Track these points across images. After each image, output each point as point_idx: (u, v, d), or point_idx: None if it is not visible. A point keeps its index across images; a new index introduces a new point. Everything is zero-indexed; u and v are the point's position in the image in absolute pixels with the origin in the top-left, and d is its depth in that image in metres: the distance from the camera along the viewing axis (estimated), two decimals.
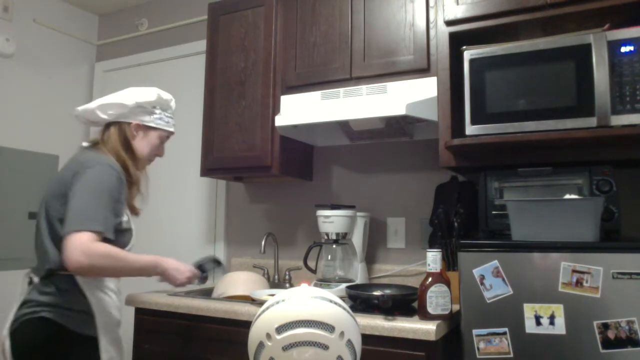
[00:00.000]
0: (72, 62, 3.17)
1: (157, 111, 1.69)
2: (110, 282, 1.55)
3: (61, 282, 1.45)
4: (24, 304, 1.45)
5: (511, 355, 1.38)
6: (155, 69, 3.04)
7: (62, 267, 1.41)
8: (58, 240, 1.43)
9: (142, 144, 1.67)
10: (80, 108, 1.66)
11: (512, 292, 1.41)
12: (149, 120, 1.67)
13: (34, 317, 1.40)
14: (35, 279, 1.48)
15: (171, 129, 1.75)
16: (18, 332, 1.41)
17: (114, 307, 1.53)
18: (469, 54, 1.67)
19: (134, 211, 1.66)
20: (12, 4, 2.82)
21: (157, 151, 1.73)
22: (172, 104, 1.76)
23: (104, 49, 3.30)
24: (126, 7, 3.24)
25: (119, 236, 1.50)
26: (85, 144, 1.67)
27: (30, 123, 2.89)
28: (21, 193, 2.80)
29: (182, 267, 1.66)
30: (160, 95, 1.69)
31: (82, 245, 1.34)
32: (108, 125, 1.65)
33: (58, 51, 3.08)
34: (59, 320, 1.40)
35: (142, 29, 3.14)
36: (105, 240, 1.42)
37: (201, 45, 2.74)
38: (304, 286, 1.03)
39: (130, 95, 1.64)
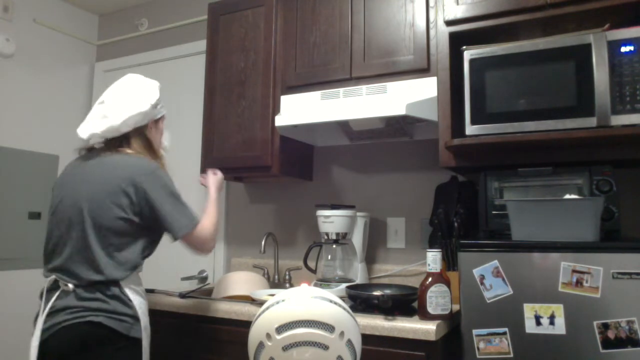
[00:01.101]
0: (72, 62, 3.17)
1: (161, 101, 1.72)
2: (143, 289, 1.60)
3: (106, 289, 1.46)
4: (60, 310, 1.43)
5: (511, 355, 1.38)
6: (155, 69, 3.03)
7: (117, 276, 1.47)
8: (114, 251, 1.49)
9: (156, 136, 1.71)
10: (99, 129, 1.59)
11: (512, 292, 1.41)
12: (157, 113, 1.71)
13: (81, 321, 1.41)
14: (70, 286, 1.45)
15: (166, 111, 1.79)
16: (56, 337, 1.42)
17: (147, 310, 1.59)
18: (469, 54, 1.67)
19: None
20: (12, 4, 2.82)
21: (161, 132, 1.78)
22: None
23: (104, 49, 3.30)
24: (126, 7, 3.24)
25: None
26: (96, 145, 1.66)
27: (30, 123, 2.89)
28: (21, 193, 2.80)
29: (217, 182, 1.87)
30: (159, 86, 1.72)
31: (205, 238, 1.60)
32: (130, 133, 1.63)
33: (58, 51, 3.08)
34: (109, 324, 1.43)
35: (142, 29, 3.14)
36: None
37: (201, 45, 2.74)
38: (304, 286, 1.03)
39: (143, 99, 1.62)
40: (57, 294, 1.46)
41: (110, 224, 1.48)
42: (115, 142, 1.62)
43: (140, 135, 1.64)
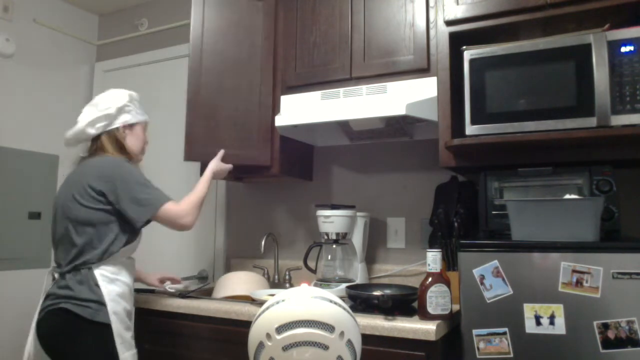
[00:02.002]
0: (72, 62, 3.17)
1: (132, 107, 1.85)
2: (125, 276, 1.72)
3: (77, 275, 1.63)
4: (47, 297, 1.65)
5: (511, 355, 1.38)
6: (155, 69, 3.04)
7: (89, 261, 1.64)
8: (88, 239, 1.65)
9: (132, 140, 1.85)
10: (69, 133, 1.82)
11: (512, 292, 1.41)
12: (130, 118, 1.84)
13: (55, 307, 1.60)
14: (56, 275, 1.69)
15: (146, 118, 1.93)
16: (43, 321, 1.63)
17: (125, 297, 1.69)
18: (469, 54, 1.67)
19: None
20: (12, 4, 2.82)
21: (145, 140, 1.92)
22: (138, 97, 1.92)
23: (104, 49, 3.30)
24: (126, 7, 3.24)
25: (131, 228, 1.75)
26: (82, 154, 1.85)
27: (30, 123, 2.89)
28: (21, 193, 2.80)
29: (219, 167, 2.01)
30: (129, 93, 1.87)
31: (177, 211, 1.70)
32: (97, 136, 1.81)
33: (58, 51, 3.08)
34: (75, 310, 1.58)
35: (142, 29, 3.14)
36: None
37: None
38: (304, 286, 1.03)
39: (109, 104, 1.80)
40: (51, 281, 1.72)
41: (80, 215, 1.66)
42: (93, 147, 1.81)
43: (111, 138, 1.80)
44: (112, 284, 1.66)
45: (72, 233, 1.66)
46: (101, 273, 1.65)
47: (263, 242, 2.25)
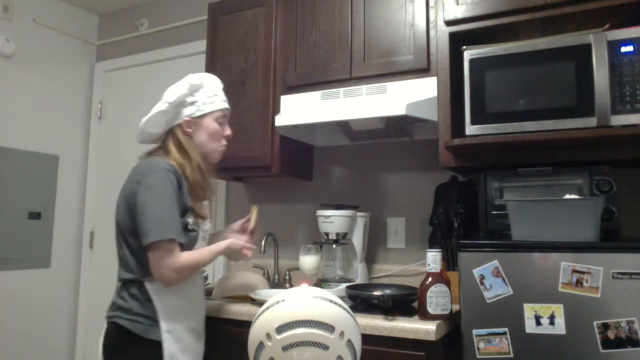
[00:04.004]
0: (72, 62, 3.17)
1: (197, 98, 1.62)
2: (185, 289, 1.53)
3: (133, 287, 1.49)
4: (110, 305, 1.54)
5: (511, 355, 1.38)
6: (155, 69, 3.04)
7: (139, 275, 1.48)
8: (135, 251, 1.49)
9: (200, 135, 1.62)
10: (138, 131, 1.63)
11: (512, 292, 1.41)
12: (194, 111, 1.61)
13: (112, 321, 1.49)
14: (118, 284, 1.56)
15: (221, 106, 1.67)
16: (105, 331, 1.52)
17: (185, 313, 1.52)
18: (469, 54, 1.67)
19: (198, 215, 1.58)
20: (12, 4, 2.82)
21: (221, 133, 1.67)
22: (208, 83, 1.67)
23: (104, 49, 3.30)
24: (126, 7, 3.24)
25: (186, 235, 1.51)
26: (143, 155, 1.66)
27: (30, 123, 2.89)
28: (21, 193, 2.80)
29: (240, 243, 1.64)
30: (191, 82, 1.62)
31: (170, 263, 1.42)
32: (166, 135, 1.63)
33: (58, 51, 3.08)
34: (125, 325, 1.46)
35: (142, 29, 3.14)
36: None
37: (201, 45, 2.74)
38: (304, 286, 1.03)
39: (166, 98, 1.60)
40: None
41: (124, 225, 1.51)
42: (155, 147, 1.64)
43: (172, 136, 1.60)
44: (167, 299, 1.48)
45: (121, 242, 1.52)
46: (154, 286, 1.47)
47: (263, 242, 2.25)
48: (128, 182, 1.54)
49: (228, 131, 1.70)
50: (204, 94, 1.63)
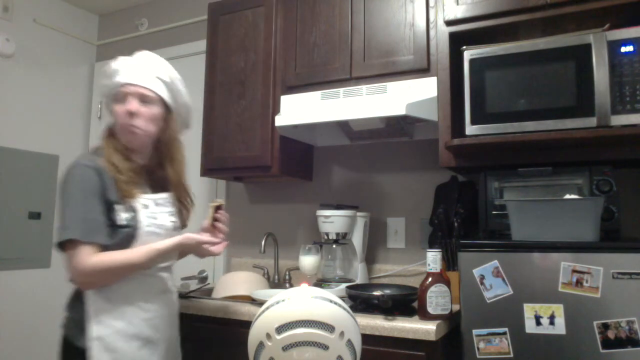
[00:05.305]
0: (72, 62, 3.17)
1: (110, 81, 1.48)
2: (133, 289, 1.39)
3: (75, 288, 1.40)
4: None
5: (511, 355, 1.38)
6: None
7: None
8: None
9: (113, 116, 1.48)
10: None
11: (512, 292, 1.41)
12: (106, 94, 1.50)
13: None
14: None
15: (115, 80, 1.46)
16: None
17: (125, 317, 1.35)
18: (469, 54, 1.67)
19: (125, 199, 1.40)
20: (12, 4, 2.82)
21: (124, 109, 1.43)
22: (117, 66, 1.49)
23: (104, 49, 3.29)
24: (126, 7, 3.24)
25: (116, 233, 1.36)
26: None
27: (30, 123, 2.89)
28: (21, 193, 2.80)
29: (197, 237, 1.48)
30: (106, 70, 1.50)
31: (75, 264, 1.29)
32: None
33: (58, 51, 3.08)
34: (64, 329, 1.36)
35: (142, 29, 3.14)
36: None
37: (201, 45, 2.74)
38: (304, 286, 1.03)
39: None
40: None
41: None
42: None
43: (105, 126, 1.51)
44: (99, 301, 1.33)
45: None
46: (95, 292, 1.34)
47: (263, 242, 2.25)
48: None
49: (128, 105, 1.43)
50: (115, 76, 1.47)
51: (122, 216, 1.37)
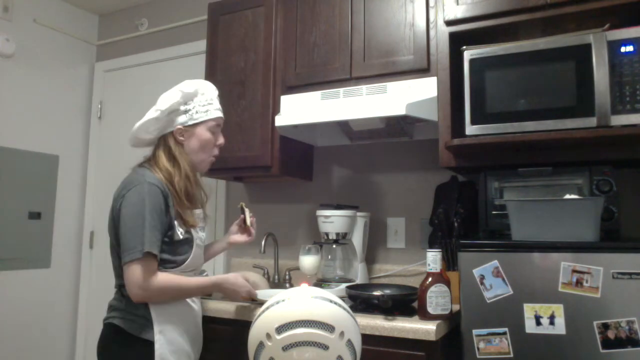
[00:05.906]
0: (72, 62, 3.17)
1: (190, 107, 1.60)
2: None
3: (124, 289, 1.49)
4: (107, 309, 1.57)
5: (511, 355, 1.38)
6: (155, 69, 3.03)
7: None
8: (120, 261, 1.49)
9: (191, 144, 1.60)
10: (130, 136, 1.62)
11: (512, 292, 1.41)
12: (186, 119, 1.59)
13: (107, 322, 1.52)
14: (115, 288, 1.58)
15: (215, 115, 1.64)
16: (101, 333, 1.55)
17: (179, 316, 1.53)
18: (469, 54, 1.67)
19: (187, 224, 1.56)
20: (12, 4, 2.82)
21: (213, 143, 1.64)
22: (203, 90, 1.65)
23: (104, 49, 3.30)
24: (126, 7, 3.24)
25: (172, 248, 1.51)
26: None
27: (30, 123, 2.89)
28: (21, 193, 2.80)
29: (239, 282, 1.63)
30: (184, 91, 1.60)
31: (138, 280, 1.42)
32: (158, 141, 1.62)
33: (58, 51, 3.08)
34: (119, 324, 1.48)
35: (142, 29, 3.14)
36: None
37: (201, 45, 2.74)
38: (304, 286, 1.03)
39: (159, 105, 1.58)
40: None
41: (112, 238, 1.54)
42: (146, 158, 1.62)
43: (163, 143, 1.60)
44: (161, 303, 1.49)
45: (113, 251, 1.54)
46: None
47: (263, 242, 2.25)
48: (115, 194, 1.53)
49: (221, 140, 1.68)
50: (198, 103, 1.61)
51: (180, 232, 1.53)
